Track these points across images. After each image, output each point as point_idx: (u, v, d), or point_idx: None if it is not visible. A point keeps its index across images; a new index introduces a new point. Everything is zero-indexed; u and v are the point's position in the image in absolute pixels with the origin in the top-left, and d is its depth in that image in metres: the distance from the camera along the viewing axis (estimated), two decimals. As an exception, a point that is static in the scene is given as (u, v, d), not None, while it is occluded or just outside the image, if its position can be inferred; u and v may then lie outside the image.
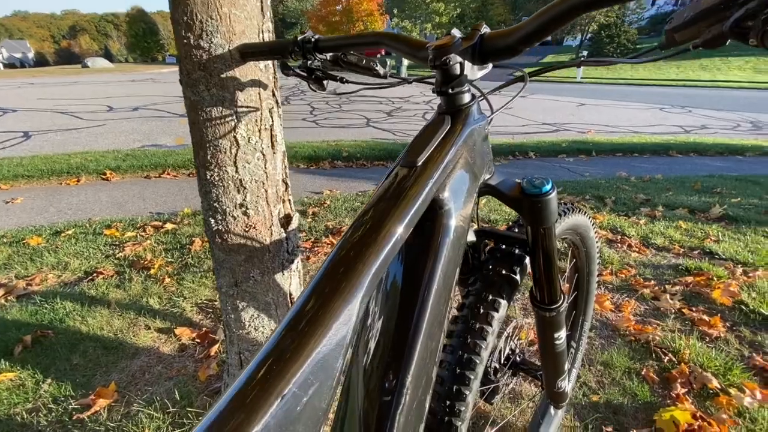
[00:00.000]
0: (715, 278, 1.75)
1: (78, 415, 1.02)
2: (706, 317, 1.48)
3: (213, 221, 0.71)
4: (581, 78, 16.44)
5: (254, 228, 0.73)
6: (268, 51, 0.58)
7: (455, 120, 0.48)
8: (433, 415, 0.53)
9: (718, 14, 0.32)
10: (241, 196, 0.70)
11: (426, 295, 0.41)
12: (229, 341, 0.85)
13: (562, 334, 0.63)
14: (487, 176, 0.54)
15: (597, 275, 0.94)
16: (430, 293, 0.41)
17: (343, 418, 0.41)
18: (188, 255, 1.90)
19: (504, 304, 0.55)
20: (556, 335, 0.62)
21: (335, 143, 4.29)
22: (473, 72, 0.47)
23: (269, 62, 0.68)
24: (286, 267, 0.81)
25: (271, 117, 0.70)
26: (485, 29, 0.45)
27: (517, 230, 0.63)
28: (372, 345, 0.41)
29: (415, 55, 0.50)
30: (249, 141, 0.68)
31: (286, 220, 0.79)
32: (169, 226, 2.23)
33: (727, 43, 0.32)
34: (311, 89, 0.59)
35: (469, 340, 0.54)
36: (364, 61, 0.54)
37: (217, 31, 0.60)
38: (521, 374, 0.80)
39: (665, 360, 1.26)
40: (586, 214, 0.78)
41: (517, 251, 0.58)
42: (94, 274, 1.72)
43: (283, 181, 0.78)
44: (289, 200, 0.80)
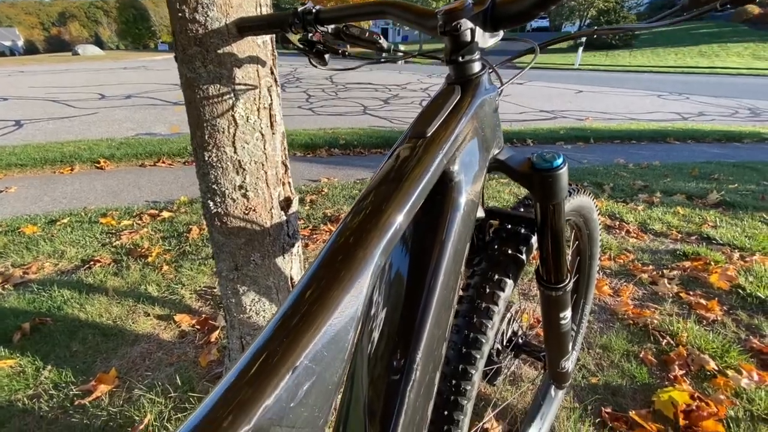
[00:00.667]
0: (712, 263, 1.76)
1: (79, 401, 1.01)
2: (703, 301, 1.49)
3: (212, 204, 0.70)
4: (579, 65, 16.29)
5: (254, 210, 0.72)
6: (267, 24, 0.56)
7: (465, 90, 0.47)
8: (440, 395, 0.52)
9: None
10: (240, 177, 0.68)
11: (436, 270, 0.40)
12: (230, 326, 0.85)
13: (568, 314, 0.63)
14: (497, 151, 0.53)
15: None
16: (440, 268, 0.40)
17: (349, 400, 0.41)
18: (186, 243, 1.89)
19: (510, 283, 0.55)
20: (562, 315, 0.62)
21: (332, 131, 4.25)
22: (484, 39, 0.45)
23: (267, 38, 0.66)
24: (287, 251, 0.80)
25: (270, 96, 0.68)
26: None
27: (522, 210, 0.62)
28: (382, 320, 0.41)
29: (423, 25, 0.48)
30: (248, 120, 0.66)
31: (287, 203, 0.78)
32: (165, 215, 2.21)
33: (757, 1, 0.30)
34: (312, 64, 0.57)
35: (475, 320, 0.53)
36: (367, 34, 0.52)
37: (213, 4, 0.57)
38: (524, 356, 0.80)
39: (663, 343, 1.27)
40: (590, 195, 0.78)
41: (524, 231, 0.57)
42: (91, 263, 1.71)
43: (283, 163, 0.76)
44: (289, 183, 0.79)
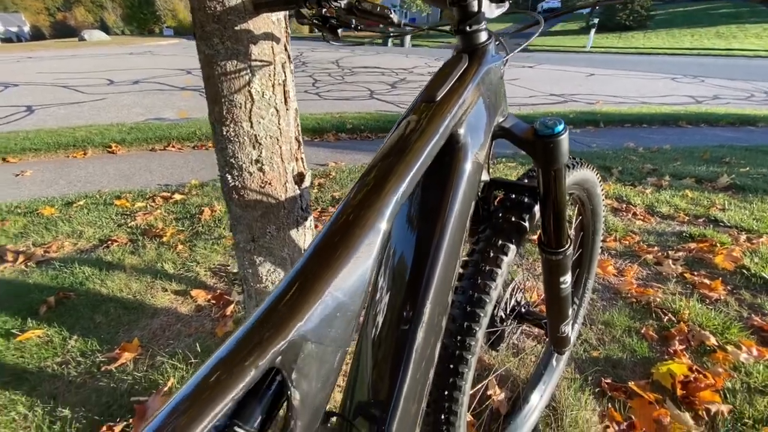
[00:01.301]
0: (718, 244, 1.77)
1: (106, 367, 1.08)
2: (707, 281, 1.51)
3: (230, 177, 0.73)
4: (591, 47, 15.89)
5: (270, 184, 0.75)
6: (282, 0, 0.58)
7: (472, 58, 0.49)
8: (445, 349, 0.56)
9: None
10: (256, 152, 0.71)
11: (444, 226, 0.44)
12: (247, 295, 0.89)
13: (568, 279, 0.66)
14: (501, 119, 0.55)
15: (601, 242, 0.96)
16: (447, 225, 0.44)
17: (361, 347, 0.45)
18: (198, 224, 1.94)
19: (513, 248, 0.58)
20: (562, 279, 0.65)
21: (339, 115, 4.25)
22: (491, 9, 0.47)
23: (281, 15, 0.68)
24: (300, 223, 0.83)
25: (284, 72, 0.71)
26: None
27: (526, 181, 0.65)
28: (394, 268, 0.44)
29: None
30: (263, 96, 0.68)
31: (300, 178, 0.81)
32: (177, 197, 2.26)
33: None
34: (325, 40, 0.59)
35: (480, 281, 0.57)
36: (378, 9, 0.54)
37: (230, -19, 0.59)
38: (526, 324, 0.83)
39: (665, 320, 1.30)
40: (594, 170, 0.79)
41: (527, 199, 0.60)
42: (109, 242, 1.77)
43: (296, 139, 0.79)
44: (301, 158, 0.82)
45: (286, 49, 0.70)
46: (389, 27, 0.56)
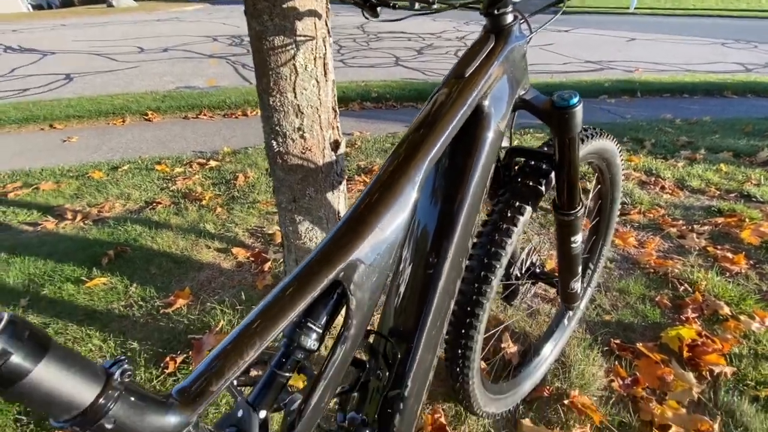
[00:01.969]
0: (747, 219, 1.74)
1: (164, 310, 1.24)
2: (730, 255, 1.51)
3: (275, 143, 0.81)
4: (635, 8, 14.69)
5: (310, 150, 0.83)
6: None
7: (498, 38, 0.56)
8: (463, 295, 0.65)
9: None
10: (299, 120, 0.79)
11: (468, 185, 0.52)
12: (287, 250, 1.00)
13: (578, 239, 0.73)
14: (523, 92, 0.61)
15: (624, 215, 1.00)
16: (471, 184, 0.52)
17: (398, 275, 0.54)
18: (234, 189, 2.07)
19: (529, 210, 0.65)
20: (573, 239, 0.72)
21: (364, 84, 4.23)
22: None
23: (323, -9, 0.73)
24: (336, 187, 0.92)
25: (324, 46, 0.77)
26: None
27: (546, 148, 0.70)
28: (426, 215, 0.54)
29: None
30: (306, 68, 0.75)
31: (335, 145, 0.88)
32: (212, 163, 2.39)
33: None
34: (365, 17, 0.64)
35: (497, 237, 0.65)
36: None
37: (278, -39, 0.64)
38: (540, 281, 0.91)
39: (681, 289, 1.34)
40: (614, 140, 0.83)
41: (544, 166, 0.66)
42: (154, 204, 1.93)
43: (333, 108, 0.86)
44: (337, 126, 0.89)
45: (327, 25, 0.76)
46: (423, 2, 0.61)
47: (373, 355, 0.54)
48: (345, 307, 0.42)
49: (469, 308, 0.65)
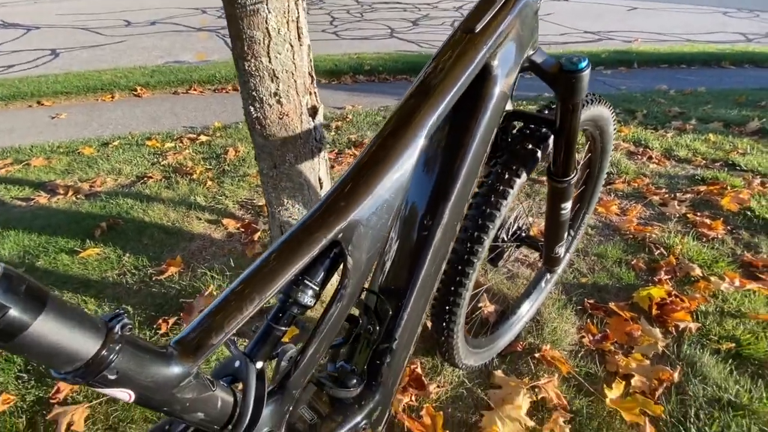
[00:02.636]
0: (729, 187, 1.78)
1: (156, 277, 1.28)
2: (708, 221, 1.55)
3: (252, 109, 0.83)
4: (638, -24, 14.14)
5: (287, 116, 0.84)
6: None
7: None
8: (455, 254, 0.67)
9: None
10: (274, 85, 0.80)
11: (469, 145, 0.51)
12: (271, 216, 1.03)
13: (568, 206, 0.73)
14: (532, 52, 0.59)
15: (609, 184, 1.00)
16: (472, 144, 0.51)
17: (393, 233, 0.54)
18: (224, 163, 2.08)
19: (525, 173, 0.65)
20: (563, 205, 0.72)
21: (357, 56, 4.15)
22: None
23: (293, -48, 0.73)
24: (315, 153, 0.94)
25: (297, 9, 0.77)
26: None
27: (547, 112, 0.69)
28: (425, 174, 0.54)
29: None
30: (279, 32, 0.75)
31: (313, 111, 0.89)
32: (203, 138, 2.39)
33: None
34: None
35: (493, 199, 0.65)
36: None
37: None
38: (525, 245, 0.93)
39: (656, 253, 1.39)
40: (610, 107, 0.81)
41: (543, 130, 0.65)
42: (145, 178, 1.94)
43: (309, 74, 0.86)
44: (315, 92, 0.90)
45: (299, -14, 0.76)
46: None
47: (366, 310, 0.55)
48: (342, 266, 0.43)
49: (460, 267, 0.66)
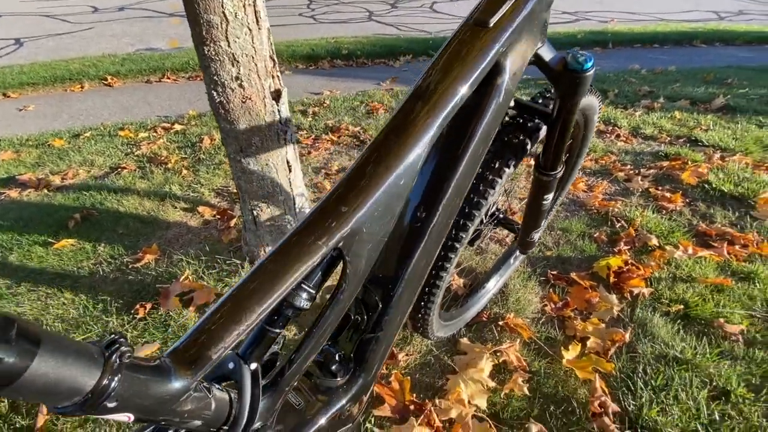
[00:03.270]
0: (690, 162, 1.86)
1: (132, 265, 1.29)
2: (668, 194, 1.63)
3: (215, 93, 0.84)
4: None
5: (250, 99, 0.86)
6: None
7: None
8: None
9: None
10: (235, 69, 0.81)
11: (468, 144, 0.50)
12: (242, 200, 1.05)
13: (550, 196, 0.75)
14: (540, 45, 0.56)
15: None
16: (471, 143, 0.50)
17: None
18: (200, 151, 2.07)
19: (514, 164, 0.65)
20: (546, 196, 0.74)
21: (335, 40, 4.10)
22: None
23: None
24: (281, 136, 0.96)
25: (253, -8, 0.78)
26: None
27: (541, 101, 0.69)
28: (433, 167, 0.53)
29: None
30: (236, 16, 0.76)
31: (277, 94, 0.91)
32: (177, 127, 2.36)
33: None
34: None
35: (481, 188, 0.65)
36: None
37: None
38: (501, 227, 0.96)
39: (617, 226, 1.46)
40: (598, 96, 0.82)
41: (537, 122, 0.65)
42: (119, 169, 1.92)
43: (271, 58, 0.88)
44: (277, 76, 0.91)
45: (253, -31, 0.77)
46: None
47: (355, 301, 0.55)
48: (342, 271, 0.42)
49: (443, 252, 0.68)
